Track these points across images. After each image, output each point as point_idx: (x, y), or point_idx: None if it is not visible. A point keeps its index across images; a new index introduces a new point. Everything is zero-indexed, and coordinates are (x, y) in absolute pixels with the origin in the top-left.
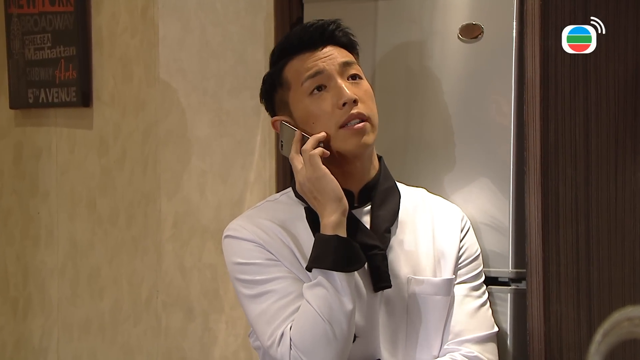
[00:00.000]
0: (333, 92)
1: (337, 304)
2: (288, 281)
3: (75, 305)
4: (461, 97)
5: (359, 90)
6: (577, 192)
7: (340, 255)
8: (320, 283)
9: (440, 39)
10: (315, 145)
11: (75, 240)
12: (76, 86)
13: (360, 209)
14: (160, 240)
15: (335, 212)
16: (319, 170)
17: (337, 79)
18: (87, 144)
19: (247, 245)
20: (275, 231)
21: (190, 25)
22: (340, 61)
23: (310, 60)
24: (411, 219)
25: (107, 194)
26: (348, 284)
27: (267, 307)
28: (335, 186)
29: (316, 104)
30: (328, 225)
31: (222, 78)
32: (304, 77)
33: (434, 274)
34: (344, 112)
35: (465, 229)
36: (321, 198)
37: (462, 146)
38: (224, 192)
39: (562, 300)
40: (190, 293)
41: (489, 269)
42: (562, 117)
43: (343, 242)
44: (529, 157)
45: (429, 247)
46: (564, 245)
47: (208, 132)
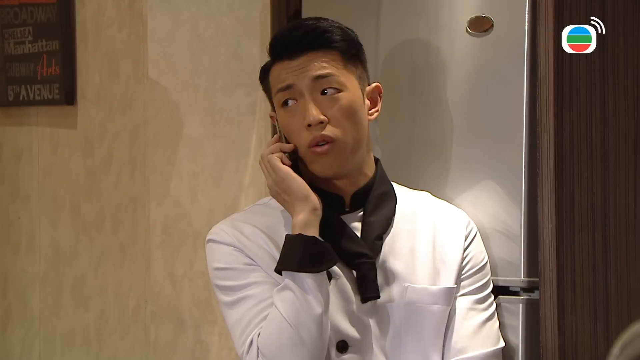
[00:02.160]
0: (301, 109)
1: (305, 307)
2: (265, 286)
3: (58, 316)
4: (469, 95)
5: (332, 107)
6: (594, 197)
7: (307, 255)
8: (287, 286)
9: (448, 33)
10: (276, 150)
11: (58, 247)
12: (59, 83)
13: (352, 214)
14: (149, 247)
15: (302, 211)
16: (279, 172)
17: (306, 95)
18: (71, 145)
19: (226, 250)
20: (257, 236)
21: (180, 18)
22: (313, 75)
23: (285, 70)
24: (410, 224)
25: (92, 198)
26: (316, 286)
27: (243, 314)
28: (299, 185)
29: (287, 118)
30: (296, 225)
31: (215, 74)
32: (276, 88)
33: (433, 282)
34: (309, 133)
35: (470, 236)
36: (288, 198)
37: (470, 147)
38: (216, 196)
39: (578, 312)
40: (181, 303)
41: (498, 277)
42: (577, 117)
43: (309, 241)
44: (542, 160)
45: (428, 254)
46: (579, 253)
47: (200, 131)
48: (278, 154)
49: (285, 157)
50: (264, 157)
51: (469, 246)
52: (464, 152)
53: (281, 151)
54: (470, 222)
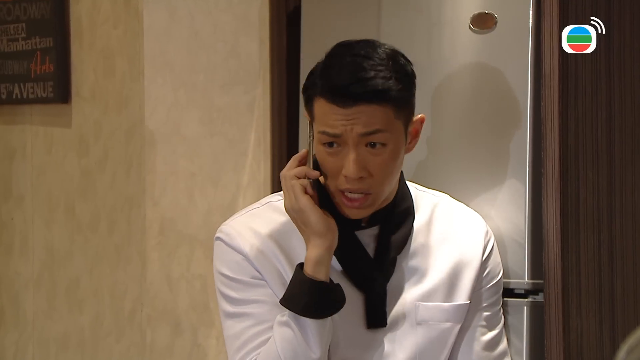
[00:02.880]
0: (343, 156)
1: (302, 350)
2: (267, 307)
3: (52, 319)
4: (472, 94)
5: (374, 161)
6: (599, 197)
7: (314, 300)
8: (288, 324)
9: (450, 30)
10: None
11: (52, 249)
12: (53, 81)
13: (368, 231)
14: (145, 248)
15: (318, 247)
16: (300, 202)
17: (350, 148)
18: (66, 144)
19: (235, 257)
20: (270, 248)
21: (177, 14)
22: (361, 131)
23: (334, 116)
24: (425, 237)
25: (87, 198)
26: (318, 331)
27: (241, 331)
28: (318, 220)
29: (325, 157)
30: (308, 261)
31: (213, 72)
32: (321, 129)
33: (446, 299)
34: (346, 182)
35: (489, 247)
36: (305, 229)
37: (473, 147)
38: (214, 197)
39: (583, 314)
40: (177, 306)
41: (502, 279)
42: (582, 115)
43: (319, 287)
44: (547, 159)
45: (443, 269)
46: (584, 254)
47: (197, 130)
48: (303, 180)
49: (310, 186)
50: (287, 179)
51: (486, 260)
52: (466, 151)
53: (306, 177)
54: (488, 232)
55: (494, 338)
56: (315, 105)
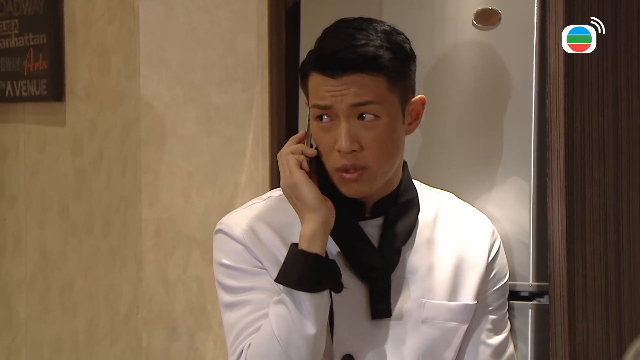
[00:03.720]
0: (335, 131)
1: (298, 327)
2: (266, 294)
3: (46, 322)
4: (475, 92)
5: (367, 134)
6: (605, 197)
7: (308, 273)
8: (283, 301)
9: (453, 27)
10: (297, 151)
11: (46, 250)
12: (47, 78)
13: (372, 221)
14: (141, 250)
15: (311, 222)
16: (294, 176)
17: (342, 119)
18: (59, 143)
19: (236, 247)
20: (270, 238)
21: (174, 11)
22: (352, 102)
23: (324, 87)
24: (430, 233)
25: (81, 198)
26: (313, 306)
27: (239, 318)
28: (311, 194)
29: (320, 132)
30: (302, 236)
31: (210, 69)
32: (313, 102)
33: (451, 298)
34: (340, 157)
35: (495, 249)
36: (299, 205)
37: (476, 146)
38: (211, 197)
39: (589, 317)
40: (174, 309)
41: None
42: (588, 114)
43: (312, 258)
44: (552, 158)
45: (448, 267)
46: (590, 256)
47: (194, 129)
48: (299, 156)
49: (305, 162)
50: (283, 155)
51: (493, 261)
52: (469, 151)
53: (303, 154)
54: (495, 232)
55: (502, 343)
56: (309, 81)
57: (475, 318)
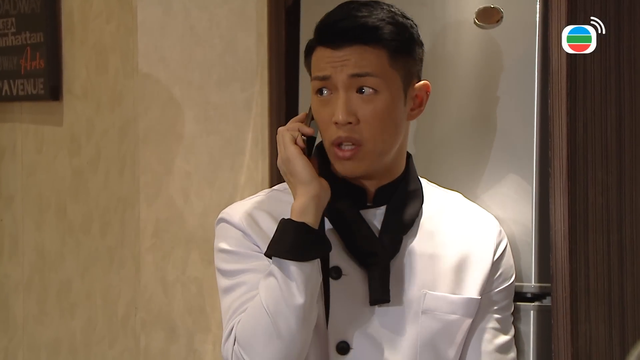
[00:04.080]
0: (334, 103)
1: (285, 296)
2: (262, 275)
3: (43, 324)
4: (477, 91)
5: (365, 107)
6: (609, 197)
7: (296, 242)
8: (272, 272)
9: (454, 25)
10: (294, 129)
11: (43, 251)
12: (44, 77)
13: (373, 210)
14: (139, 250)
15: (302, 196)
16: (287, 150)
17: (340, 91)
18: (57, 143)
19: (234, 233)
20: (270, 225)
21: (172, 9)
22: (350, 72)
23: (325, 59)
24: (435, 226)
25: (79, 198)
26: (302, 275)
27: (233, 300)
28: (303, 167)
29: (319, 106)
30: (294, 210)
31: (209, 68)
32: (314, 74)
33: (454, 291)
34: (336, 130)
35: (501, 248)
36: (292, 180)
37: (478, 145)
38: (210, 197)
39: (592, 319)
40: (172, 310)
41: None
42: (591, 113)
43: (299, 227)
44: (554, 158)
45: (451, 259)
46: (593, 257)
47: (193, 129)
48: (294, 132)
49: (300, 138)
50: (280, 132)
51: (499, 260)
52: (471, 150)
53: (299, 132)
54: (501, 232)
55: (506, 344)
56: (312, 56)
57: (479, 315)
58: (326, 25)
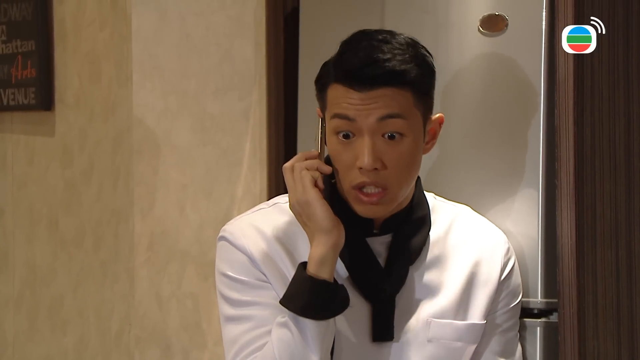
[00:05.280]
0: (357, 147)
1: (300, 353)
2: (269, 310)
3: (34, 341)
4: (481, 100)
5: (392, 152)
6: (617, 210)
7: (315, 300)
8: (286, 324)
9: (458, 33)
10: (312, 167)
11: (34, 266)
12: (36, 86)
13: (380, 238)
14: (133, 265)
15: (322, 245)
16: (307, 194)
17: (366, 136)
18: (48, 154)
19: (240, 258)
20: (276, 250)
21: (168, 16)
22: (380, 115)
23: (348, 99)
24: (442, 249)
25: (71, 211)
26: (318, 333)
27: (240, 334)
28: (324, 215)
29: (338, 147)
30: (311, 259)
31: (205, 77)
32: (333, 112)
33: (459, 317)
34: (360, 174)
35: (508, 267)
36: (310, 224)
37: (482, 157)
38: (207, 210)
39: (600, 336)
40: (167, 326)
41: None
42: (599, 123)
43: (320, 285)
44: (561, 169)
45: (457, 285)
46: (601, 272)
47: (189, 139)
48: (314, 172)
49: (321, 180)
50: (297, 170)
51: (505, 280)
52: (475, 161)
53: (318, 170)
54: (510, 249)
55: None
56: (329, 92)
57: (484, 339)
58: (351, 70)
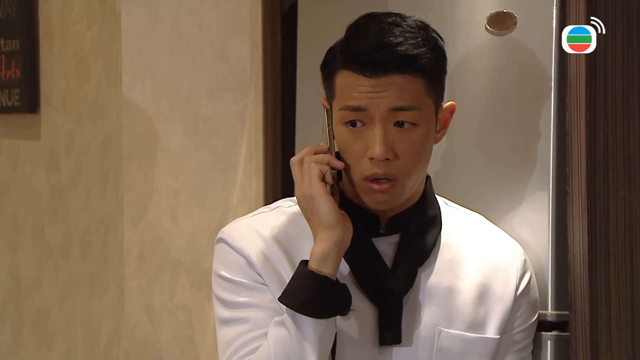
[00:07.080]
0: (368, 137)
1: (297, 353)
2: (266, 313)
3: (18, 355)
4: (489, 101)
5: (403, 142)
6: (632, 217)
7: (315, 297)
8: (284, 323)
9: (465, 31)
10: (323, 162)
11: (19, 276)
12: (20, 87)
13: (386, 238)
14: (123, 275)
15: (325, 242)
16: (312, 188)
17: (377, 125)
18: (34, 158)
19: (237, 259)
20: (274, 250)
21: (159, 14)
22: (392, 105)
23: (358, 87)
24: (453, 253)
25: (57, 219)
26: (316, 333)
27: (236, 336)
28: (328, 210)
29: (348, 138)
30: (313, 255)
31: (199, 78)
32: (343, 103)
33: (471, 329)
34: (371, 165)
35: (525, 281)
36: (313, 220)
37: (489, 161)
38: (200, 217)
39: (614, 350)
40: (159, 340)
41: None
42: (613, 125)
43: (320, 281)
44: (573, 174)
45: (469, 294)
46: (615, 282)
47: (181, 143)
48: (323, 166)
49: (330, 174)
50: (306, 162)
51: (522, 296)
52: (482, 166)
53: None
54: (526, 262)
55: None
56: (337, 79)
57: (497, 357)
58: (361, 54)
